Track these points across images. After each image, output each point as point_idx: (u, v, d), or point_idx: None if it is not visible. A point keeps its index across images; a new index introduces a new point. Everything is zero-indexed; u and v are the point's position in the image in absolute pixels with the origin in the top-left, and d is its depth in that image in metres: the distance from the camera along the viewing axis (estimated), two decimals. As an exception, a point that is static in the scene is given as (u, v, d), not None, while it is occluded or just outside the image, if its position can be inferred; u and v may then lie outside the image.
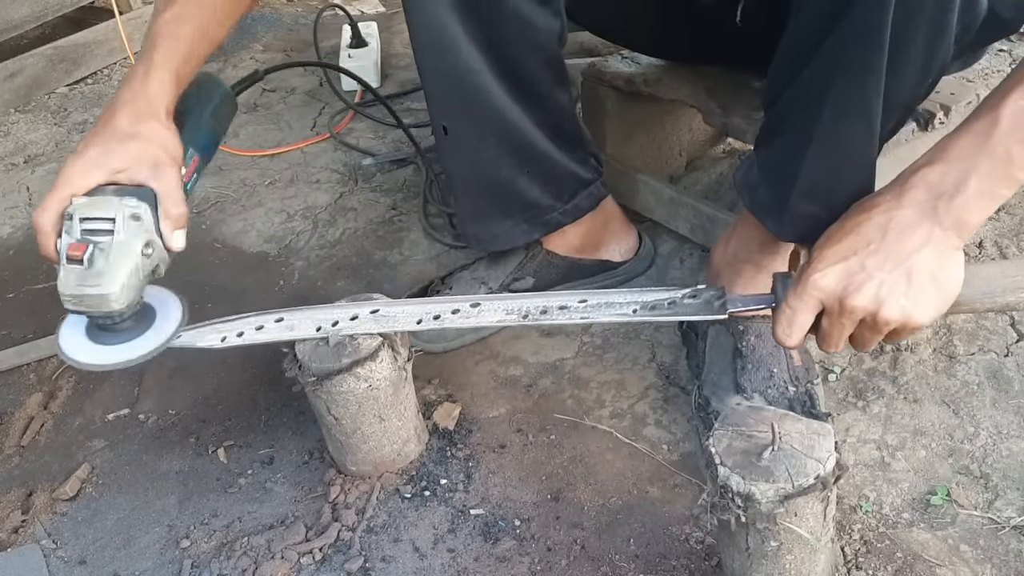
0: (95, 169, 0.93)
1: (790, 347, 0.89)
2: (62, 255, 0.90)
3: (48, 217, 0.92)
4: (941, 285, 0.83)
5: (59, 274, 0.91)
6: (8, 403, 1.32)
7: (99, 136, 0.95)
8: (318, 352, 1.03)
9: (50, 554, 1.09)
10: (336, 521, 1.08)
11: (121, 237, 0.91)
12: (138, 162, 0.94)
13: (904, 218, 0.83)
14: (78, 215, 0.91)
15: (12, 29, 2.15)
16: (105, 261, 0.90)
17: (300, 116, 2.01)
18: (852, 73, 0.87)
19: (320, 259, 1.56)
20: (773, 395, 1.10)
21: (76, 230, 0.90)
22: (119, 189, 0.93)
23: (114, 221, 0.90)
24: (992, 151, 0.79)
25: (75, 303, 0.91)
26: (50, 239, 0.93)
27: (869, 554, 0.99)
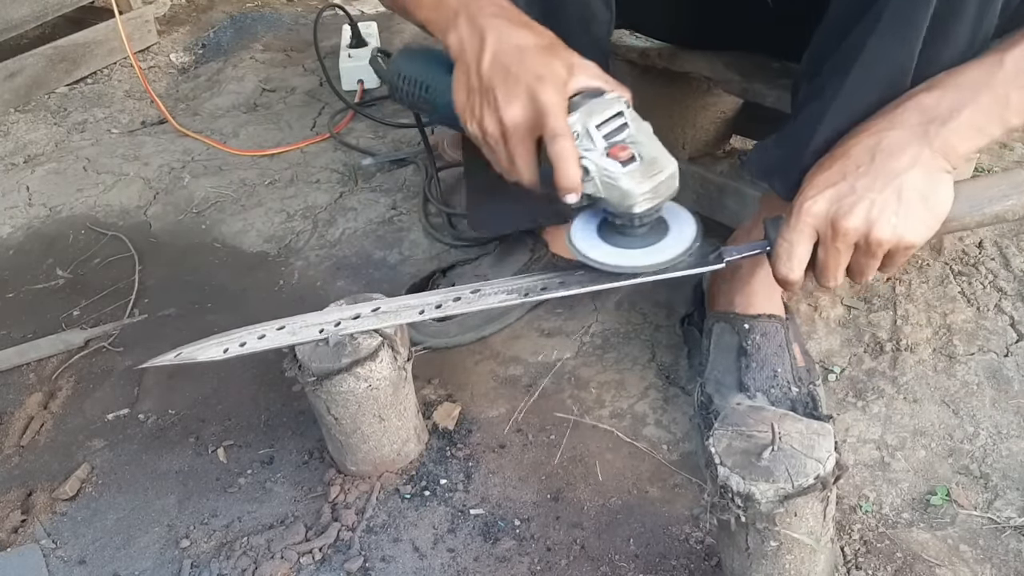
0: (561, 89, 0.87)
1: (792, 282, 0.88)
2: (607, 168, 0.86)
3: (570, 142, 0.86)
4: (931, 204, 0.84)
5: (619, 182, 0.86)
6: (8, 403, 1.32)
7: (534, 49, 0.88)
8: (318, 352, 1.03)
9: (50, 554, 1.09)
10: (336, 521, 1.08)
11: (637, 125, 0.89)
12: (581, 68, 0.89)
13: (893, 139, 0.83)
14: (591, 126, 0.86)
15: (12, 29, 2.15)
16: (648, 148, 0.88)
17: (300, 116, 2.01)
18: (891, 28, 0.86)
19: (320, 259, 1.56)
20: (776, 395, 1.10)
21: (599, 140, 0.87)
22: (587, 93, 0.88)
23: (623, 115, 0.88)
24: (992, 88, 0.81)
25: (652, 196, 0.87)
26: (576, 161, 0.86)
27: (869, 554, 0.99)
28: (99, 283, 1.54)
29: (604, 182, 0.87)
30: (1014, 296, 1.30)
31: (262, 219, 1.68)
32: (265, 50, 2.33)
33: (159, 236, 1.66)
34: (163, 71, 2.31)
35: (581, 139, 0.87)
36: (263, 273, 1.54)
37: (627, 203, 0.87)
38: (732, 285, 1.16)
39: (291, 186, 1.76)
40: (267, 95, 2.12)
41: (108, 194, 1.78)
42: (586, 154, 0.87)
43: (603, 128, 0.87)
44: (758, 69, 1.27)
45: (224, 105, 2.08)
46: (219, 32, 2.44)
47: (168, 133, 1.98)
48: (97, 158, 1.91)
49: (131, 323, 1.44)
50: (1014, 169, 1.53)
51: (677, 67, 1.36)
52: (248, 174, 1.81)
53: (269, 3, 2.62)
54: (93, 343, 1.40)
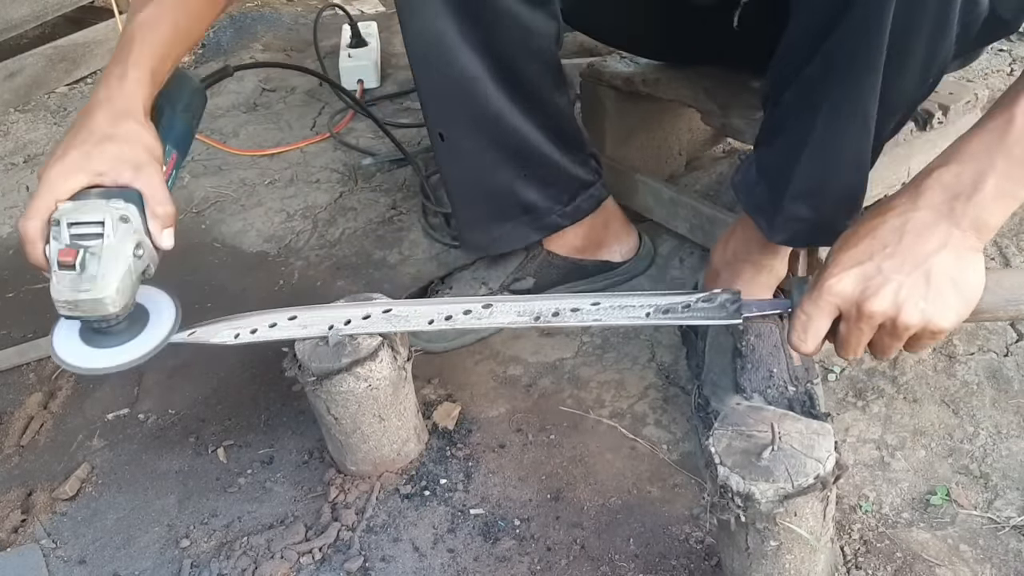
0: (77, 173, 0.92)
1: (806, 354, 0.86)
2: (52, 261, 0.90)
3: (34, 224, 0.91)
4: (961, 288, 0.81)
5: (51, 281, 0.90)
6: (8, 403, 1.32)
7: (77, 139, 0.94)
8: (318, 352, 1.03)
9: (50, 554, 1.09)
10: (336, 521, 1.08)
11: (111, 240, 0.90)
12: (120, 163, 0.93)
13: (920, 220, 0.80)
14: (65, 220, 0.89)
15: (12, 29, 2.15)
16: (97, 265, 0.89)
17: (300, 116, 2.01)
18: (849, 73, 0.87)
19: (320, 259, 1.56)
20: (773, 395, 1.10)
21: (65, 235, 0.89)
22: (104, 192, 0.92)
23: (103, 224, 0.89)
24: (1008, 150, 0.78)
25: (70, 309, 0.90)
26: (38, 246, 0.92)
27: (869, 554, 0.99)
28: (99, 283, 1.53)
29: None
30: (1014, 296, 1.29)
31: (262, 219, 1.68)
32: (265, 50, 2.33)
33: (159, 236, 1.65)
34: (163, 71, 2.30)
35: (56, 228, 0.90)
36: (263, 273, 1.54)
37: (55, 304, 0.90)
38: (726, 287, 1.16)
39: (291, 186, 1.76)
40: (267, 95, 2.12)
41: (108, 194, 1.78)
42: (52, 242, 0.90)
43: (75, 228, 0.89)
44: (737, 98, 1.27)
45: (224, 105, 2.08)
46: (219, 32, 2.43)
47: (168, 133, 1.98)
48: (97, 158, 1.90)
49: (131, 323, 1.44)
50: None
51: (660, 94, 1.38)
52: (248, 174, 1.81)
53: (269, 3, 2.62)
54: (93, 343, 1.40)
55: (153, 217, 0.94)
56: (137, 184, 0.93)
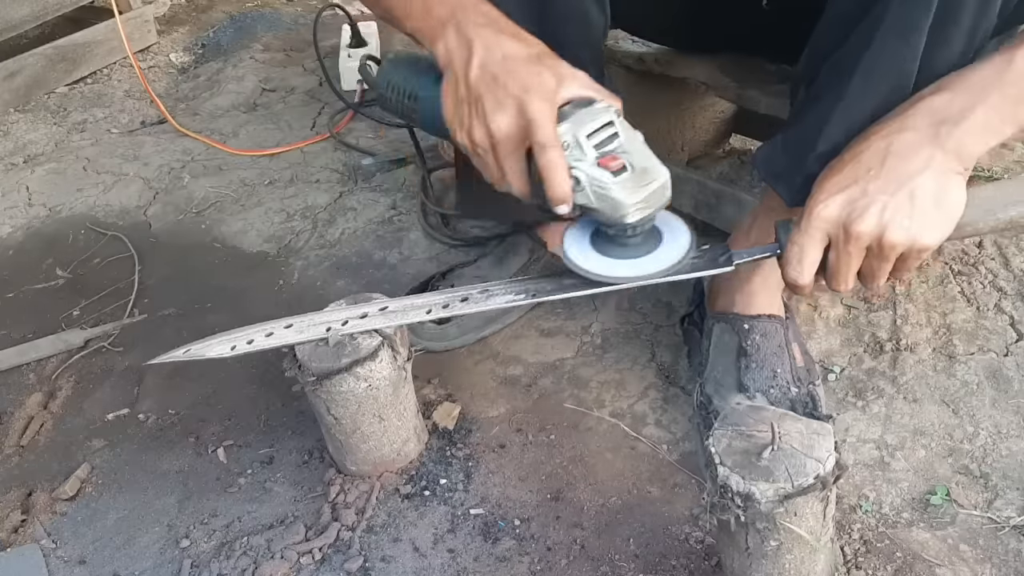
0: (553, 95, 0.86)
1: (802, 285, 0.87)
2: (598, 178, 0.85)
3: (559, 152, 0.85)
4: (944, 206, 0.83)
5: (612, 192, 0.85)
6: (8, 403, 1.32)
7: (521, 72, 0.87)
8: (318, 352, 1.03)
9: (50, 554, 1.09)
10: (336, 521, 1.08)
11: (627, 134, 0.88)
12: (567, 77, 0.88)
13: (905, 141, 0.83)
14: (581, 136, 0.86)
15: (12, 29, 2.15)
16: (640, 158, 0.87)
17: (300, 116, 2.01)
18: (893, 32, 0.86)
19: (320, 259, 1.56)
20: (776, 395, 1.10)
21: (589, 149, 0.86)
22: (576, 103, 0.87)
23: (613, 124, 0.87)
24: (1003, 87, 0.80)
25: (644, 206, 0.86)
26: (565, 172, 0.86)
27: (869, 554, 0.99)
28: (99, 283, 1.54)
29: (595, 192, 0.86)
30: (1014, 296, 1.30)
31: (262, 219, 1.68)
32: (265, 50, 2.33)
33: (159, 236, 1.66)
34: (163, 71, 2.31)
35: (571, 149, 0.86)
36: (263, 273, 1.54)
37: (619, 213, 0.86)
38: (732, 285, 1.16)
39: (291, 186, 1.76)
40: (267, 95, 2.12)
41: (108, 194, 1.78)
42: (576, 164, 0.86)
43: (593, 138, 0.86)
44: (753, 74, 1.27)
45: (224, 105, 2.08)
46: (219, 32, 2.44)
47: (168, 133, 1.98)
48: (97, 158, 1.91)
49: (131, 323, 1.44)
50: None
51: (674, 72, 1.37)
52: (248, 174, 1.81)
53: (269, 3, 2.62)
54: (93, 343, 1.40)
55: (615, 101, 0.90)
56: (584, 92, 0.89)
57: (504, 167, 0.89)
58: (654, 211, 0.88)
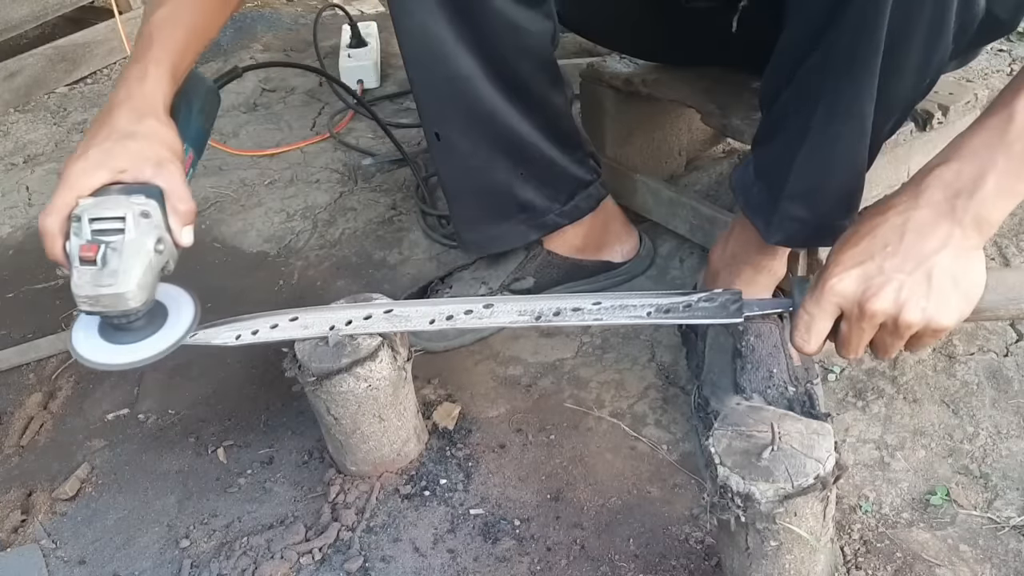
0: (98, 169, 0.92)
1: (808, 354, 0.86)
2: (73, 257, 0.89)
3: (54, 220, 0.91)
4: (963, 286, 0.81)
5: (72, 277, 0.89)
6: (8, 403, 1.32)
7: (99, 136, 0.94)
8: (318, 352, 1.03)
9: (50, 554, 1.09)
10: (336, 521, 1.08)
11: (132, 235, 0.90)
12: (141, 160, 0.93)
13: (921, 218, 0.80)
14: (87, 216, 0.89)
15: (12, 29, 2.15)
16: (119, 260, 0.89)
17: (300, 116, 2.01)
18: (847, 73, 0.87)
19: (320, 259, 1.56)
20: (772, 395, 1.10)
21: (86, 231, 0.89)
22: (125, 188, 0.92)
23: (124, 219, 0.89)
24: (1008, 147, 0.78)
25: (91, 304, 0.90)
26: (58, 242, 0.92)
27: (869, 554, 0.99)
28: (99, 283, 1.53)
29: None
30: (1014, 296, 1.29)
31: (262, 219, 1.68)
32: (265, 50, 2.33)
33: (159, 236, 1.65)
34: (163, 71, 2.30)
35: (75, 224, 0.90)
36: (263, 273, 1.54)
37: (75, 299, 0.90)
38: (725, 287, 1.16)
39: (291, 186, 1.76)
40: (267, 95, 2.12)
41: (108, 194, 1.78)
42: (73, 238, 0.90)
43: (97, 223, 0.89)
44: (737, 99, 1.27)
45: (224, 105, 2.06)
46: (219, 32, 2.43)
47: (168, 133, 1.98)
48: (97, 158, 1.91)
49: (131, 323, 1.44)
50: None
51: (659, 94, 1.38)
52: (248, 174, 1.82)
53: (269, 3, 2.62)
54: (93, 343, 1.40)
55: (174, 213, 0.94)
56: (158, 181, 0.93)
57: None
58: (101, 311, 0.91)
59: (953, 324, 0.81)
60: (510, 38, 1.08)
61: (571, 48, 1.88)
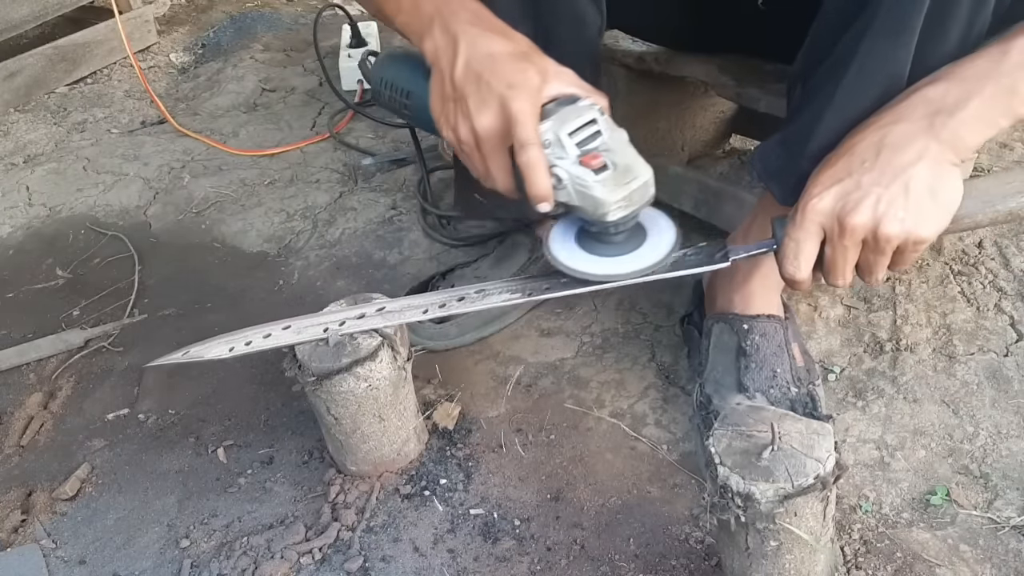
0: (535, 94, 0.86)
1: (800, 280, 0.87)
2: (580, 174, 0.85)
3: (539, 151, 0.85)
4: (940, 198, 0.82)
5: (593, 190, 0.85)
6: (8, 403, 1.32)
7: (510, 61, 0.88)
8: (318, 352, 1.03)
9: (50, 554, 1.09)
10: (336, 521, 1.08)
11: (610, 133, 0.88)
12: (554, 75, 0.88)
13: (899, 133, 0.82)
14: (563, 134, 0.86)
15: (12, 29, 2.15)
16: (622, 156, 0.87)
17: (300, 116, 2.01)
18: (884, 30, 0.86)
19: (320, 259, 1.56)
20: (776, 395, 1.10)
21: (571, 147, 0.86)
22: (560, 100, 0.87)
23: (596, 122, 0.87)
24: (998, 78, 0.80)
25: (626, 204, 0.86)
26: (544, 171, 0.86)
27: (869, 554, 0.99)
28: (99, 283, 1.54)
29: (577, 190, 0.87)
30: (1014, 296, 1.30)
31: (262, 219, 1.68)
32: (265, 50, 2.33)
33: (159, 236, 1.66)
34: (163, 71, 2.31)
35: (553, 147, 0.86)
36: (263, 273, 1.54)
37: (600, 211, 0.87)
38: (730, 285, 1.16)
39: (291, 186, 1.76)
40: (267, 95, 2.12)
41: (108, 194, 1.78)
42: (558, 162, 0.86)
43: (575, 136, 0.86)
44: (752, 73, 1.27)
45: (224, 105, 2.08)
46: (219, 32, 2.44)
47: (168, 133, 1.98)
48: (97, 158, 1.91)
49: (131, 323, 1.44)
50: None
51: (673, 71, 1.37)
52: (248, 174, 1.82)
53: (269, 3, 2.62)
54: (93, 343, 1.40)
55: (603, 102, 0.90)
56: (569, 90, 0.89)
57: (489, 164, 0.89)
58: (636, 209, 0.88)
59: (932, 235, 0.82)
60: (573, 30, 1.06)
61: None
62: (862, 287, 1.32)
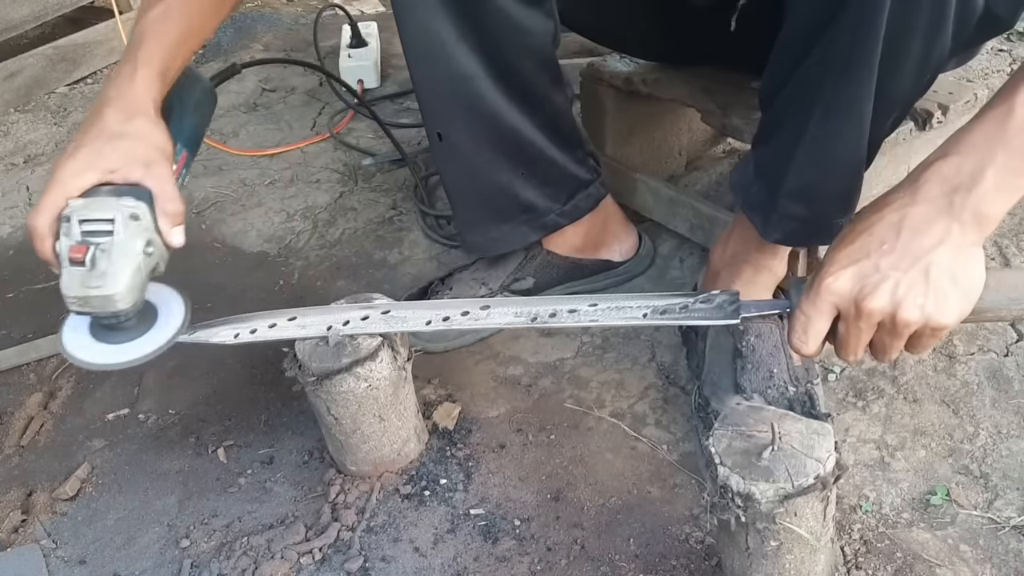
0: (88, 170, 0.92)
1: (807, 355, 0.85)
2: (63, 258, 0.90)
3: (44, 220, 0.91)
4: (961, 283, 0.79)
5: (61, 277, 0.90)
6: (8, 403, 1.32)
7: (88, 136, 0.94)
8: (318, 352, 1.03)
9: (50, 554, 1.09)
10: (336, 521, 1.08)
11: (121, 237, 0.90)
12: (131, 161, 0.93)
13: (919, 215, 0.79)
14: (76, 217, 0.90)
15: (12, 29, 2.15)
16: (108, 262, 0.89)
17: (300, 116, 2.01)
18: (845, 70, 0.87)
19: (320, 259, 1.56)
20: (773, 395, 1.10)
21: (76, 232, 0.90)
22: (114, 189, 0.92)
23: (113, 222, 0.90)
24: (1008, 142, 0.77)
25: (80, 304, 0.90)
26: (47, 242, 0.92)
27: (869, 554, 0.99)
28: (99, 283, 1.53)
29: None
30: (1014, 296, 1.29)
31: (262, 219, 1.68)
32: (265, 50, 2.33)
33: (159, 236, 1.65)
34: (163, 71, 2.30)
35: (65, 224, 0.90)
36: (263, 273, 1.54)
37: (64, 299, 0.90)
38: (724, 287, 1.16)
39: (291, 186, 1.76)
40: (267, 95, 2.12)
41: (108, 194, 1.78)
42: (62, 238, 0.90)
43: (86, 224, 0.90)
44: (737, 97, 1.27)
45: (224, 105, 2.08)
46: (219, 32, 2.43)
47: (168, 133, 1.98)
48: (97, 158, 1.91)
49: (131, 323, 1.44)
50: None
51: (660, 94, 1.37)
52: (248, 174, 1.82)
53: (269, 3, 2.62)
54: (93, 343, 1.40)
55: (163, 215, 0.94)
56: (148, 182, 0.93)
57: None
58: (90, 311, 0.92)
59: (953, 322, 0.79)
60: (512, 37, 1.08)
61: (571, 48, 1.88)
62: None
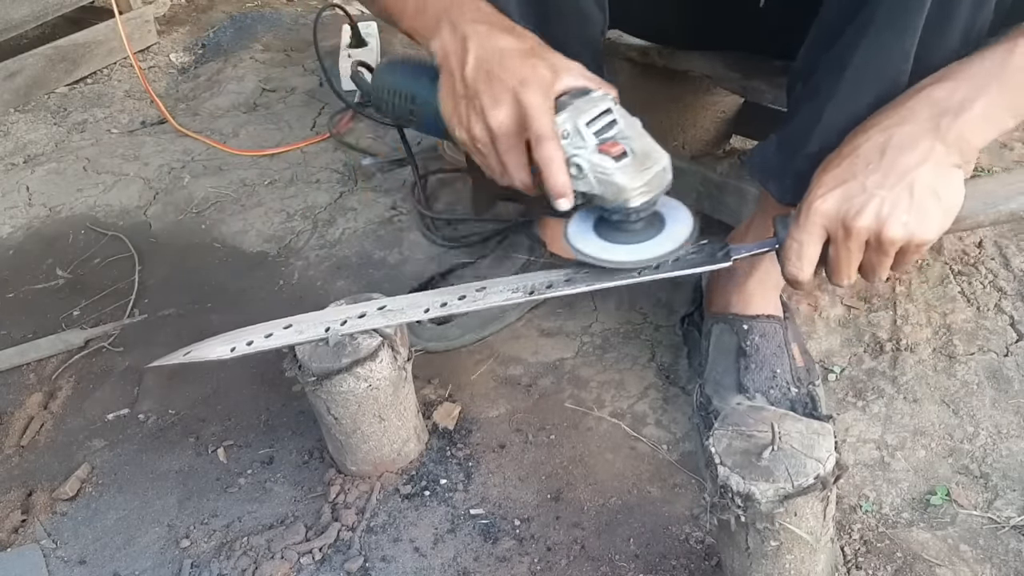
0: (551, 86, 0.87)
1: (802, 281, 0.87)
2: (599, 163, 0.86)
3: (555, 143, 0.86)
4: (943, 200, 0.82)
5: (615, 177, 0.86)
6: (8, 403, 1.32)
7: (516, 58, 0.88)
8: (318, 352, 1.03)
9: (50, 554, 1.09)
10: (336, 521, 1.08)
11: (626, 120, 0.89)
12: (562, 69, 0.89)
13: (904, 134, 0.82)
14: (580, 124, 0.86)
15: (12, 29, 2.15)
16: (638, 142, 0.88)
17: (300, 116, 2.01)
18: (887, 27, 0.86)
19: (320, 259, 1.56)
20: (775, 395, 1.10)
21: (589, 137, 0.86)
22: (572, 92, 0.88)
23: (611, 111, 0.88)
24: (1005, 78, 0.79)
25: (647, 190, 0.87)
26: (562, 164, 0.86)
27: (869, 554, 0.99)
28: (99, 283, 1.54)
29: (598, 178, 0.87)
30: (1014, 296, 1.29)
31: (262, 219, 1.68)
32: (265, 50, 2.33)
33: (159, 236, 1.66)
34: (163, 71, 2.30)
35: (571, 138, 0.87)
36: (263, 273, 1.54)
37: (622, 198, 0.87)
38: (729, 285, 1.16)
39: (291, 186, 1.76)
40: (267, 95, 2.12)
41: (108, 194, 1.78)
42: (578, 152, 0.87)
43: (593, 125, 0.87)
44: (758, 67, 1.27)
45: (224, 105, 2.08)
46: (219, 32, 2.43)
47: (168, 133, 1.98)
48: (97, 158, 1.91)
49: (131, 323, 1.44)
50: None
51: (676, 65, 1.36)
52: (248, 174, 1.81)
53: (269, 3, 2.62)
54: (93, 343, 1.40)
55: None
56: (581, 81, 0.89)
57: (505, 162, 0.89)
58: (656, 194, 0.89)
59: (935, 237, 0.83)
60: (578, 29, 1.05)
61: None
62: (863, 287, 1.32)
